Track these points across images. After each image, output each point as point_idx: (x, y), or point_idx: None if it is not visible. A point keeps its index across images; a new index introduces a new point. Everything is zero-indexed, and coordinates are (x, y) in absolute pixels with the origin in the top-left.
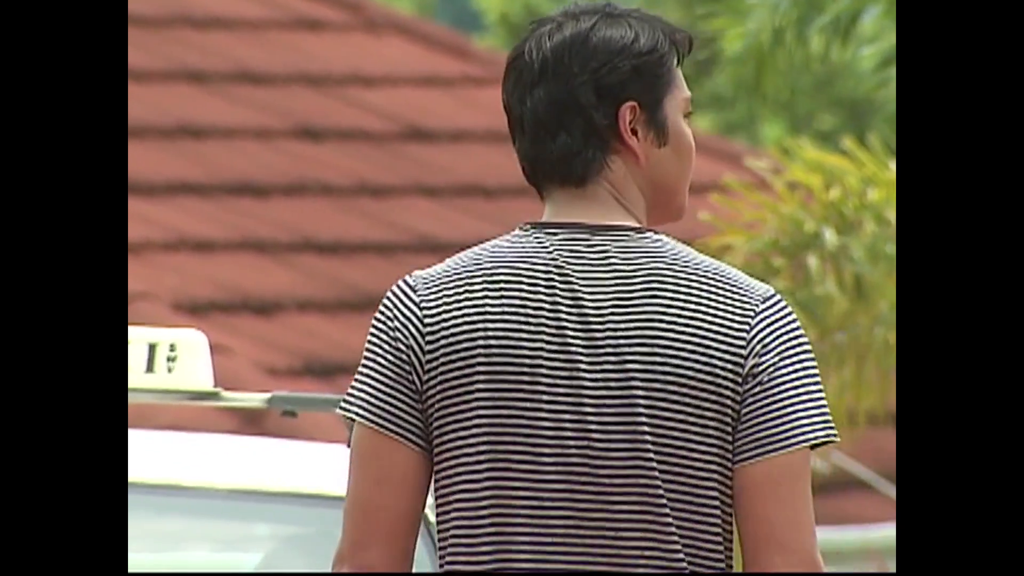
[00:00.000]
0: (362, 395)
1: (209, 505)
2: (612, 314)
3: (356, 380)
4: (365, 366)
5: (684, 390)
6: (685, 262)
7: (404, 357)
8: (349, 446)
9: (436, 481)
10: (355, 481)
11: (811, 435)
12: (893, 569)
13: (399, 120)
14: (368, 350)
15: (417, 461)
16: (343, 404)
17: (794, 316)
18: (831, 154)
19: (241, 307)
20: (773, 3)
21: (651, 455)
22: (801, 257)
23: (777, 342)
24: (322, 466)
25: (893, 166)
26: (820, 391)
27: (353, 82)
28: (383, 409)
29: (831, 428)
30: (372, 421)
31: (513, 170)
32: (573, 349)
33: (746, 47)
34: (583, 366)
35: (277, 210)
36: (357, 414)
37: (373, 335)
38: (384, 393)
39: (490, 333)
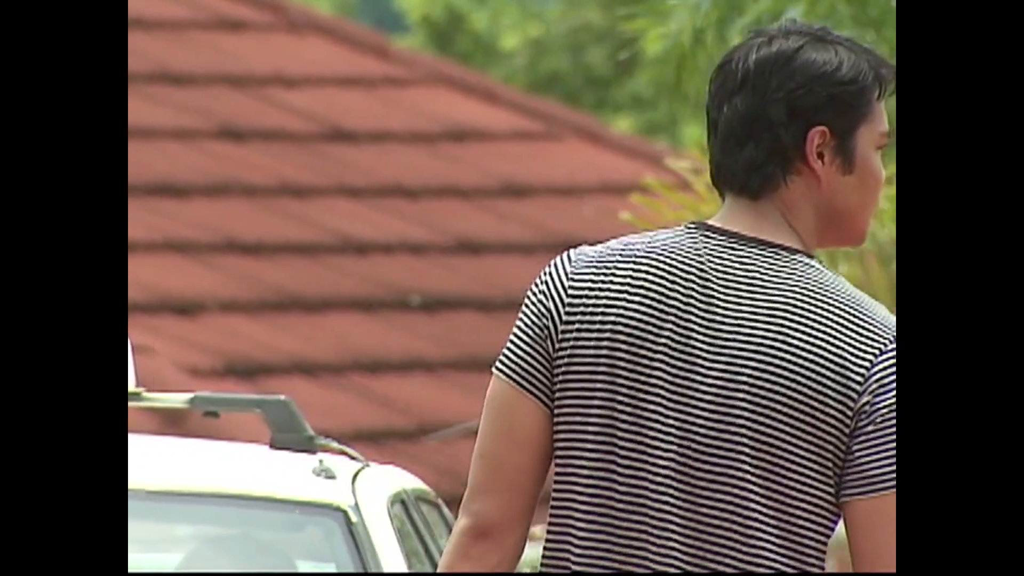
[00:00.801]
0: (506, 351)
1: (131, 506)
2: (740, 325)
3: (508, 341)
4: (516, 326)
5: (789, 411)
6: (826, 288)
7: (544, 322)
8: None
9: (555, 449)
10: (482, 433)
11: None
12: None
13: (321, 121)
14: (521, 311)
15: (542, 418)
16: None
17: None
18: None
19: (163, 308)
20: (694, 4)
21: (747, 466)
22: None
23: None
24: (244, 466)
25: None
26: None
27: (275, 83)
28: (519, 365)
29: None
30: (506, 375)
31: (435, 170)
32: (695, 350)
33: (667, 48)
34: (701, 368)
35: (199, 211)
36: (498, 368)
37: (527, 300)
38: (522, 351)
39: (621, 318)
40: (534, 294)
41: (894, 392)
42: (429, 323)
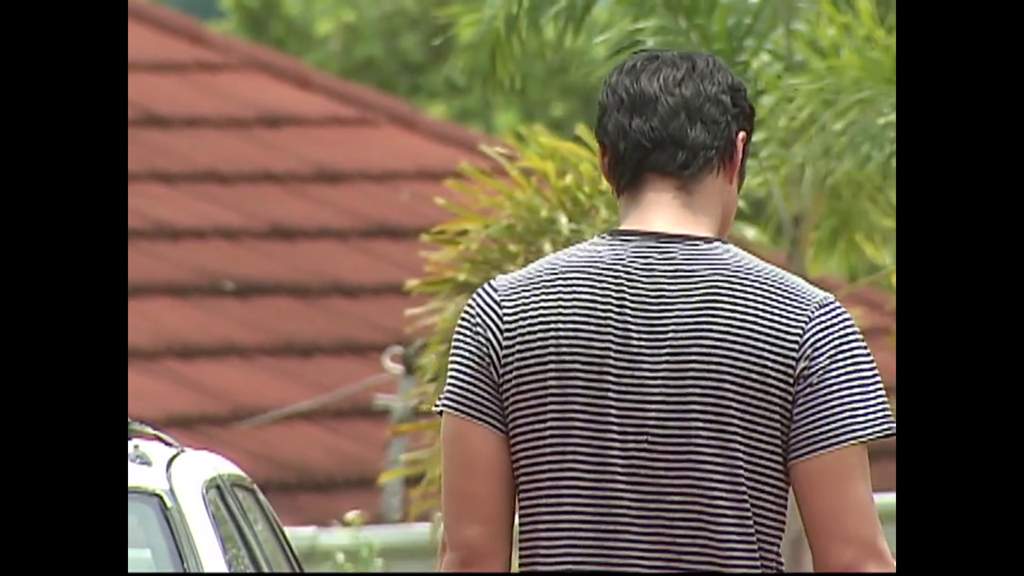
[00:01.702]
0: (448, 389)
1: None
2: (676, 318)
3: (447, 378)
4: (451, 362)
5: (736, 389)
6: (748, 270)
7: (484, 351)
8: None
9: (515, 472)
10: (445, 469)
11: (860, 432)
12: None
13: (134, 106)
14: (453, 347)
15: (497, 443)
16: (436, 403)
17: (850, 322)
18: (565, 141)
19: None
20: None
21: (703, 451)
22: (536, 243)
23: (829, 345)
24: None
25: None
26: (875, 389)
27: None
28: (465, 397)
29: (886, 423)
30: (454, 408)
31: (249, 156)
32: (635, 349)
33: (480, 34)
34: (646, 366)
35: None
36: (444, 405)
37: (458, 334)
38: (466, 383)
39: (561, 333)
40: (467, 327)
41: (827, 355)
42: (242, 309)
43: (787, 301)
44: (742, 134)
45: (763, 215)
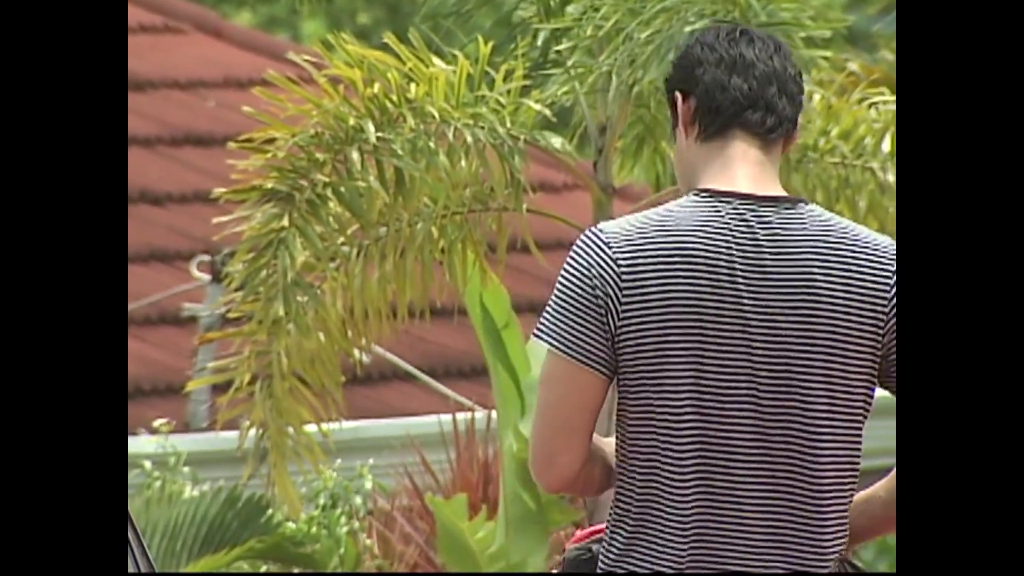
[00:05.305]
0: (558, 329)
1: None
2: (778, 281)
3: (551, 314)
4: (562, 303)
5: (836, 341)
6: (840, 229)
7: (601, 301)
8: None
9: (631, 411)
10: (551, 405)
11: None
12: (433, 458)
13: None
14: (564, 290)
15: (604, 387)
16: (537, 331)
17: None
18: (372, 49)
19: None
20: None
21: (801, 399)
22: (344, 151)
23: None
24: None
25: (435, 61)
26: None
27: None
28: (580, 344)
29: None
30: (569, 354)
31: None
32: (745, 308)
33: None
34: (753, 323)
35: None
36: (554, 344)
37: (569, 278)
38: (580, 330)
39: (681, 288)
40: (581, 276)
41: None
42: None
43: (872, 257)
44: (800, 119)
45: (569, 124)
